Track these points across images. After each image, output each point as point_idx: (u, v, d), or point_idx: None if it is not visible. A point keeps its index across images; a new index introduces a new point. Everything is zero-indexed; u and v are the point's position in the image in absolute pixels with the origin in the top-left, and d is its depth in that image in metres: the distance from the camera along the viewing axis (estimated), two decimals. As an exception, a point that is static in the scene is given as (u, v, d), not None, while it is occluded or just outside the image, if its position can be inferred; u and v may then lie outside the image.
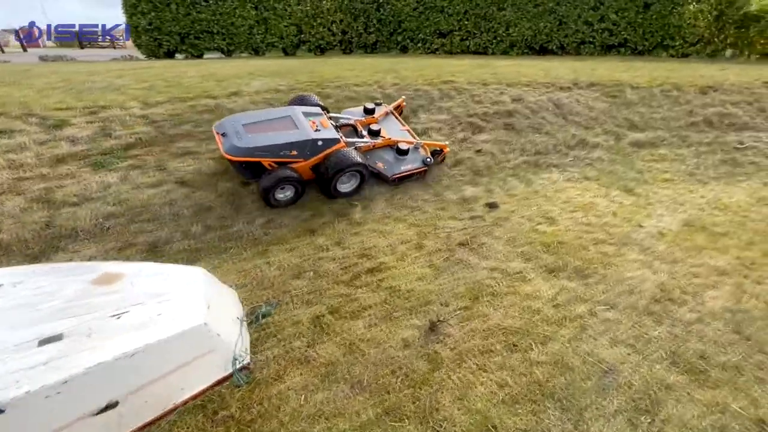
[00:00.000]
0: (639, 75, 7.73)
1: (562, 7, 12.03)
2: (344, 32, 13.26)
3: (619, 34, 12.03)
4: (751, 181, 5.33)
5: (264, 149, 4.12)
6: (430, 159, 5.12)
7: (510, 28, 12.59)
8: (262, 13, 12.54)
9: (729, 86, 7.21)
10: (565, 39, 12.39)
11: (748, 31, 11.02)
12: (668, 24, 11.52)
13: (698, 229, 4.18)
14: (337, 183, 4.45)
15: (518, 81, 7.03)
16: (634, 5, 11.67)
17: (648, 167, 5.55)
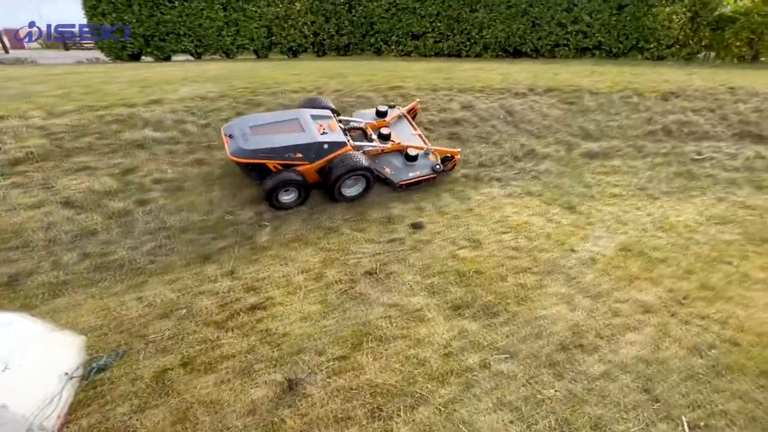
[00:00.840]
0: (601, 80, 7.25)
1: (535, 9, 11.54)
2: (316, 34, 12.79)
3: (593, 37, 11.55)
4: (705, 197, 4.89)
5: (268, 151, 4.11)
6: (439, 166, 4.88)
7: (483, 30, 12.10)
8: (231, 14, 12.02)
9: (692, 92, 6.77)
10: (539, 41, 11.90)
11: (723, 33, 10.61)
12: (642, 26, 11.02)
13: (635, 254, 3.74)
14: (342, 187, 4.37)
15: (472, 87, 6.58)
16: (607, 7, 11.18)
17: (597, 180, 5.11)
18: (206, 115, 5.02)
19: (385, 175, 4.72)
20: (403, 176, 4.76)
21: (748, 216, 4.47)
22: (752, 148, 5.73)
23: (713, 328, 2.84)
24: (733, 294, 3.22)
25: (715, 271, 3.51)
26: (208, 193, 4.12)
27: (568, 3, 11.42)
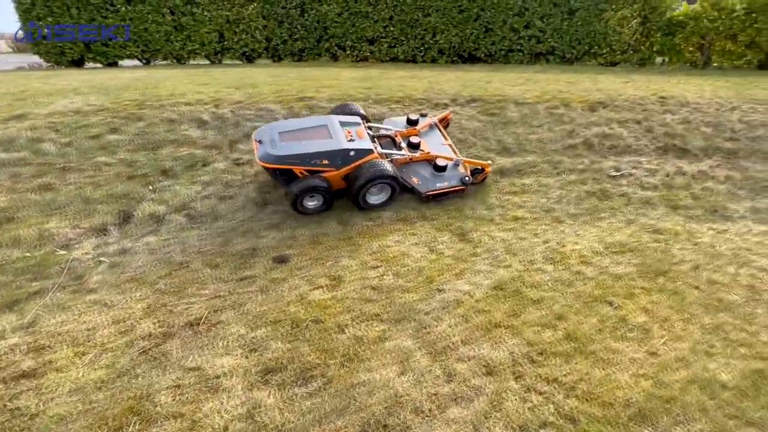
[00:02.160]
0: (531, 89, 6.74)
1: (487, 13, 11.01)
2: (269, 39, 12.21)
3: (546, 42, 11.07)
4: (614, 219, 4.41)
5: (295, 157, 4.05)
6: (469, 178, 4.67)
7: (437, 35, 11.55)
8: (179, 18, 11.46)
9: (622, 102, 6.32)
10: (493, 46, 11.42)
11: (673, 38, 10.23)
12: (594, 31, 10.58)
13: (509, 294, 3.25)
14: (367, 194, 4.25)
15: (390, 97, 6.08)
16: (558, 11, 10.68)
17: (502, 201, 4.63)
18: (72, 133, 4.45)
19: (412, 184, 4.55)
20: (430, 186, 4.57)
21: (652, 243, 4.00)
22: (674, 163, 5.29)
23: (556, 397, 2.36)
24: (599, 347, 2.76)
25: (590, 315, 3.04)
26: (42, 224, 3.57)
27: (519, 8, 10.91)
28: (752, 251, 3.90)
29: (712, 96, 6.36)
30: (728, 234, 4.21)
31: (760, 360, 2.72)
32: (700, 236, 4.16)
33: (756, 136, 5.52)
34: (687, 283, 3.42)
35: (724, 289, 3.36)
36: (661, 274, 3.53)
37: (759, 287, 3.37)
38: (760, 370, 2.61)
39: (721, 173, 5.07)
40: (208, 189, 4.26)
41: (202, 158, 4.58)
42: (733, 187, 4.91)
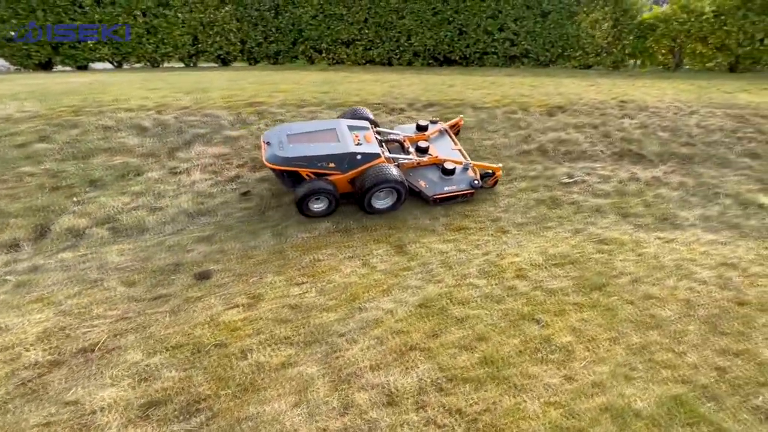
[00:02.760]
0: (493, 92, 6.56)
1: (460, 16, 10.86)
2: (243, 42, 11.99)
3: (520, 44, 10.93)
4: (561, 228, 4.23)
5: (301, 159, 4.03)
6: (478, 182, 4.59)
7: (412, 37, 11.37)
8: (151, 20, 11.21)
9: (581, 106, 6.17)
10: (467, 49, 11.26)
11: (645, 40, 10.12)
12: (566, 34, 10.48)
13: (434, 312, 3.07)
14: (372, 198, 4.19)
15: (344, 102, 5.89)
16: (531, 14, 10.53)
17: (447, 212, 4.44)
18: (-4, 142, 4.27)
19: (419, 188, 4.47)
20: (437, 190, 4.49)
21: (595, 254, 3.82)
22: (629, 168, 5.12)
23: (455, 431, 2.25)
24: (514, 371, 2.58)
25: (514, 335, 2.87)
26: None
27: (493, 10, 10.75)
28: (696, 262, 3.75)
29: (673, 100, 6.21)
30: (675, 243, 4.06)
31: (681, 384, 2.55)
32: (646, 246, 4.01)
33: (712, 141, 5.39)
34: (622, 298, 3.26)
35: (659, 304, 3.20)
36: (598, 288, 3.36)
37: (695, 302, 3.22)
38: (678, 396, 2.45)
39: (675, 179, 4.93)
40: (138, 200, 4.04)
41: (135, 167, 4.36)
42: (686, 194, 4.76)
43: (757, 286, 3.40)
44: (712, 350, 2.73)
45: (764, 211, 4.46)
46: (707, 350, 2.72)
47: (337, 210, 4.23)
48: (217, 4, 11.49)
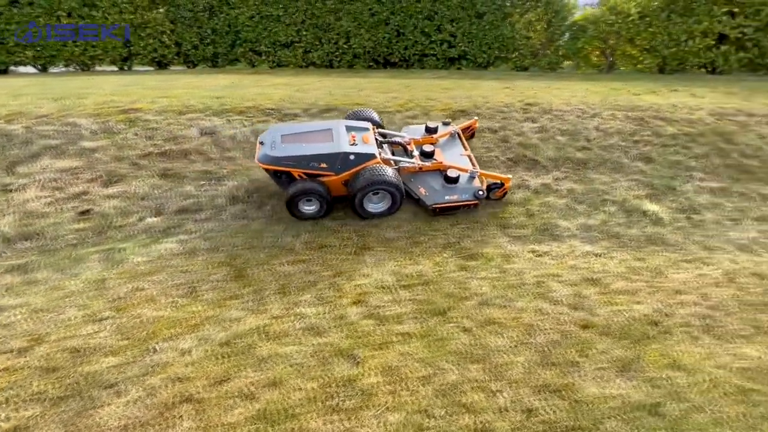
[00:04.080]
0: (400, 96, 6.10)
1: (397, 17, 10.48)
2: (179, 44, 11.39)
3: (458, 46, 10.67)
4: (432, 243, 3.71)
5: (292, 159, 3.88)
6: (483, 192, 4.20)
7: (351, 39, 10.99)
8: (77, 21, 10.49)
9: (485, 109, 5.76)
10: (406, 51, 10.90)
11: (578, 41, 9.98)
12: (502, 35, 10.28)
13: (238, 350, 2.57)
14: (366, 201, 3.97)
15: (234, 107, 5.45)
16: (467, 15, 10.19)
17: (314, 227, 3.95)
18: None
19: (419, 195, 4.16)
20: (438, 199, 4.13)
21: (455, 272, 3.41)
22: (521, 175, 4.66)
23: None
24: (289, 427, 2.23)
25: (314, 378, 2.43)
26: None
27: (428, 11, 10.41)
28: (559, 278, 3.41)
29: (579, 102, 5.94)
30: (547, 257, 3.72)
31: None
32: (515, 261, 3.67)
33: (608, 145, 5.09)
34: (460, 325, 2.89)
35: (498, 330, 2.86)
36: (440, 313, 3.00)
37: (538, 326, 2.89)
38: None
39: (565, 186, 4.62)
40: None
41: (-44, 186, 3.85)
42: (573, 202, 4.45)
43: (612, 304, 3.10)
44: (531, 387, 2.40)
45: (647, 219, 4.21)
46: (526, 387, 2.39)
47: (193, 230, 3.80)
48: (147, 5, 10.90)
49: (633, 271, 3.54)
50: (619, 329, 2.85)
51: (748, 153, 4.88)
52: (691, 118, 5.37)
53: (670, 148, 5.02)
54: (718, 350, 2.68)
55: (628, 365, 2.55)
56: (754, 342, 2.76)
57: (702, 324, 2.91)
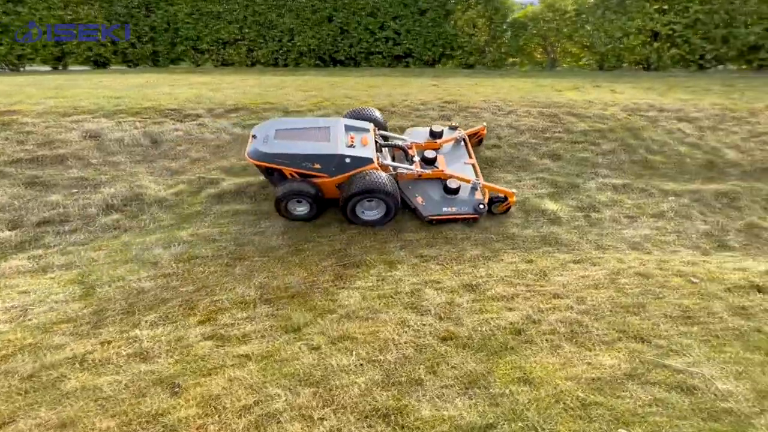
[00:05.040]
0: (319, 95, 5.76)
1: (340, 14, 10.17)
2: (114, 42, 10.77)
3: (402, 44, 10.46)
4: (317, 256, 3.77)
5: (284, 157, 3.64)
6: (483, 206, 3.89)
7: (295, 37, 10.64)
8: (1, 18, 9.75)
9: (402, 107, 5.39)
10: (351, 49, 10.64)
11: (519, 39, 9.92)
12: (445, 33, 10.12)
13: (43, 383, 2.29)
14: (359, 207, 3.73)
15: (133, 107, 5.01)
16: (409, 12, 9.92)
17: (183, 239, 3.83)
18: None
19: (415, 204, 3.88)
20: (435, 210, 3.86)
21: (328, 282, 3.13)
22: None
23: None
24: None
25: (117, 415, 2.22)
26: None
27: (371, 8, 10.15)
28: (439, 284, 3.11)
29: (498, 99, 5.73)
30: (433, 262, 3.41)
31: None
32: (398, 268, 3.33)
33: (518, 143, 4.88)
34: (310, 344, 2.57)
35: (348, 347, 2.53)
36: (293, 330, 2.67)
37: (394, 340, 2.56)
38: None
39: None
40: None
41: None
42: None
43: (483, 312, 2.90)
44: (359, 412, 2.13)
45: (544, 218, 4.05)
46: (354, 413, 2.12)
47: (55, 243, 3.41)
48: (78, 1, 10.25)
49: (518, 274, 3.37)
50: (480, 340, 2.66)
51: (654, 149, 4.83)
52: (603, 114, 5.29)
53: (579, 144, 4.91)
54: (575, 359, 2.53)
55: (476, 381, 2.36)
56: (614, 348, 2.62)
57: (567, 331, 2.75)
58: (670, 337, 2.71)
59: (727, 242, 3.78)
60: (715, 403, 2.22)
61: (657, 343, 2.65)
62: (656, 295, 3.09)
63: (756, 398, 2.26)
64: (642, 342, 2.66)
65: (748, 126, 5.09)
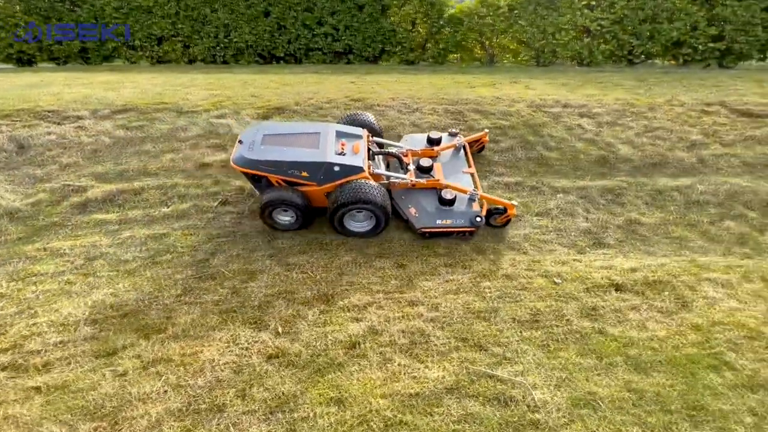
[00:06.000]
0: (223, 93, 5.42)
1: (275, 9, 9.75)
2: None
3: (341, 40, 10.22)
4: (174, 262, 3.55)
5: (270, 164, 3.44)
6: (481, 219, 3.62)
7: (231, 32, 10.19)
8: None
9: (307, 105, 5.13)
10: (290, 45, 10.29)
11: (456, 35, 9.80)
12: (383, 29, 9.90)
13: None
14: (347, 218, 3.52)
15: (4, 110, 4.66)
16: (346, 7, 9.69)
17: (34, 252, 3.55)
18: None
19: (408, 216, 3.64)
20: (428, 222, 3.61)
21: (172, 297, 2.91)
22: None
23: None
24: None
25: None
26: None
27: (307, 3, 9.81)
28: (294, 294, 3.05)
29: (408, 96, 5.54)
30: (296, 270, 3.30)
31: None
32: (258, 278, 3.15)
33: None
34: (119, 370, 2.35)
35: (161, 371, 2.34)
36: (109, 353, 2.42)
37: (209, 360, 2.37)
38: None
39: None
40: None
41: None
42: None
43: (327, 324, 2.67)
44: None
45: (428, 221, 3.98)
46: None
47: None
48: (-9, -7, 9.47)
49: (383, 280, 3.21)
50: (308, 357, 2.49)
51: (551, 145, 4.76)
52: (508, 111, 5.19)
53: (478, 143, 4.83)
54: (402, 373, 2.39)
55: (284, 404, 2.18)
56: (447, 359, 2.49)
57: (407, 342, 2.61)
58: (510, 343, 2.61)
59: (604, 239, 3.74)
60: (525, 416, 2.13)
61: (494, 351, 2.55)
62: (513, 299, 3.00)
63: (568, 408, 2.18)
64: (479, 350, 2.56)
65: (644, 121, 5.10)
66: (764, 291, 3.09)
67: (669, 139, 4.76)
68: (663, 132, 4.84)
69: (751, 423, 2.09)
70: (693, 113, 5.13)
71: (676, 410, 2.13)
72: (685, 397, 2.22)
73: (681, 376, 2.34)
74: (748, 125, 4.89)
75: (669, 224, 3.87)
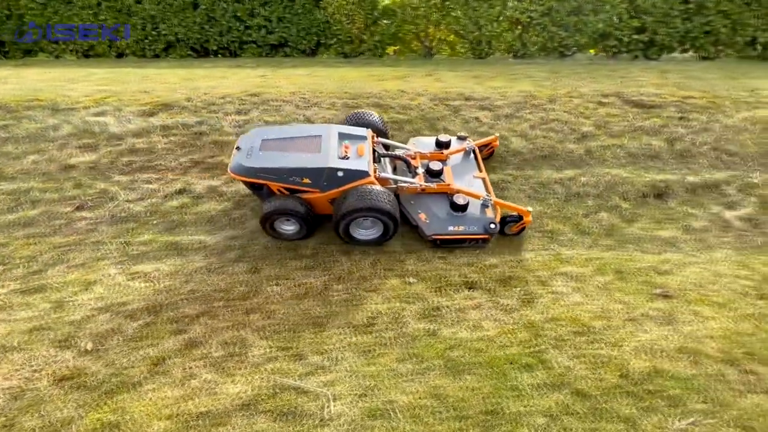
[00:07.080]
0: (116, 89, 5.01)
1: (204, 0, 9.44)
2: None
3: (275, 32, 9.84)
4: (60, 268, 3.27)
5: (270, 171, 3.16)
6: (495, 226, 3.38)
7: (159, 24, 9.68)
8: None
9: (198, 102, 5.00)
10: (222, 38, 9.81)
11: (391, 27, 9.58)
12: (317, 20, 9.58)
13: None
14: (354, 226, 3.26)
15: None
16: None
17: None
18: None
19: (417, 222, 3.41)
20: (439, 229, 3.37)
21: (25, 306, 2.89)
22: (196, 180, 4.28)
23: None
24: None
25: None
26: None
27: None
28: (126, 306, 2.85)
29: (308, 91, 5.16)
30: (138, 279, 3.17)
31: None
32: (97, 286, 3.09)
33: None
34: None
35: None
36: None
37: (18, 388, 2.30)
38: None
39: (231, 189, 4.12)
40: None
41: None
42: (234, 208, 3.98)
43: (143, 339, 2.45)
44: None
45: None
46: None
47: None
48: None
49: (231, 286, 3.02)
50: (106, 377, 2.25)
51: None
52: (409, 105, 5.01)
53: (371, 138, 4.66)
54: (201, 391, 2.18)
55: None
56: (259, 372, 2.28)
57: (224, 354, 2.41)
58: (332, 351, 2.48)
59: (477, 235, 3.68)
60: (312, 431, 2.02)
61: (311, 360, 2.40)
62: (359, 302, 2.86)
63: (362, 419, 2.06)
64: (297, 360, 2.41)
65: (542, 113, 5.03)
66: (613, 284, 3.07)
67: (562, 131, 4.70)
68: (557, 124, 4.77)
69: (543, 424, 2.03)
70: (590, 105, 5.09)
71: (470, 416, 2.05)
72: (486, 400, 2.14)
73: (492, 378, 2.27)
74: (638, 116, 4.88)
75: (545, 217, 3.81)
